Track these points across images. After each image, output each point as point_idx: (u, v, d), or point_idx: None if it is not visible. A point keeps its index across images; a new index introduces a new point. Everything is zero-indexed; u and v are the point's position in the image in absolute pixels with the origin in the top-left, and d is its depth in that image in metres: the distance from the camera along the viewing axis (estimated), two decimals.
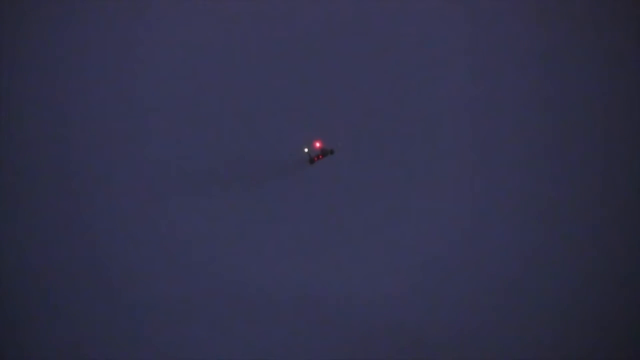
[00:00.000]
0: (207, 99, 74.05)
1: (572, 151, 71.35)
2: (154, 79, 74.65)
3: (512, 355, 64.26)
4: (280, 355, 63.84)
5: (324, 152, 66.18)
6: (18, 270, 67.51)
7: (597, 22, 75.03)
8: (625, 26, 74.51)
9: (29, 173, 70.87)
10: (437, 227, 68.02)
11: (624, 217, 68.81)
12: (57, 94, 74.07)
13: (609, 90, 73.52)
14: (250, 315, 65.45)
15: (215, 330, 64.78)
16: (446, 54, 74.44)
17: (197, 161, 71.66)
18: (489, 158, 70.98)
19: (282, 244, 67.96)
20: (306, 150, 66.06)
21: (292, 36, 75.05)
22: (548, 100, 73.12)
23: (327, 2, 76.19)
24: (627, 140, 71.56)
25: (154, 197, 70.20)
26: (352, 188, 69.13)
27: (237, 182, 69.75)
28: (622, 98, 73.03)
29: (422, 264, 66.82)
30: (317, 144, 65.69)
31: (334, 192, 68.91)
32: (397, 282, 65.94)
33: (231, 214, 69.10)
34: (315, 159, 66.19)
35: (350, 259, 67.19)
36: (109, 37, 75.69)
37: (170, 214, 69.46)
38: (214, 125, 72.99)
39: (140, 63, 75.16)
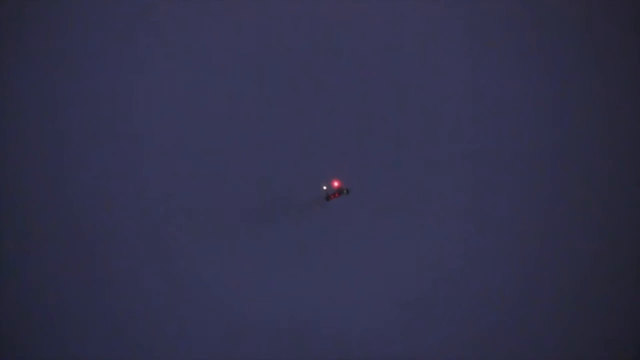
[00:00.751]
0: (224, 133, 73.97)
1: (577, 176, 71.79)
2: (170, 117, 74.23)
3: None
4: None
5: (339, 191, 69.04)
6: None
7: (598, 22, 75.45)
8: (628, 26, 75.04)
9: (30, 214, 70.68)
10: (445, 264, 69.32)
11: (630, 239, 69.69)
12: (62, 114, 73.85)
13: (612, 95, 74.15)
14: (255, 345, 66.99)
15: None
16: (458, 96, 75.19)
17: (211, 194, 71.95)
18: (493, 196, 71.76)
19: (287, 275, 69.42)
20: (325, 188, 68.97)
21: (313, 71, 75.54)
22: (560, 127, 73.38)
23: (349, 36, 76.46)
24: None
25: (167, 234, 70.51)
26: (363, 224, 70.66)
27: (252, 216, 71.01)
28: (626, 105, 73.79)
29: (429, 299, 68.37)
30: (335, 183, 68.76)
31: (344, 228, 70.57)
32: (403, 317, 67.71)
33: (244, 248, 70.06)
34: (332, 197, 68.99)
35: (360, 293, 68.85)
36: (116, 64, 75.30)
37: (182, 250, 69.99)
38: (229, 158, 73.31)
39: (154, 98, 74.73)
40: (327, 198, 68.95)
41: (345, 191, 68.84)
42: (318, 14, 76.49)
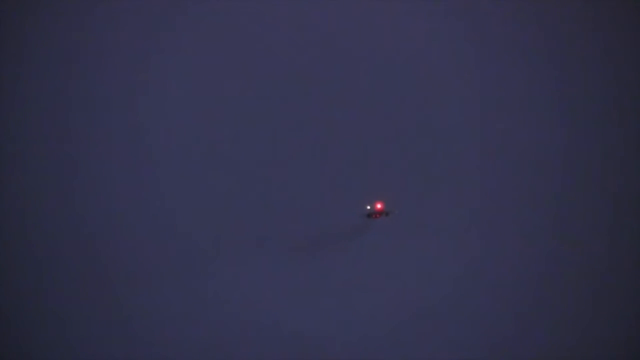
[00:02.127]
0: (269, 154, 75.47)
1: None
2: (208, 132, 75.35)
3: None
4: None
5: (380, 213, 72.13)
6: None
7: (601, 22, 75.15)
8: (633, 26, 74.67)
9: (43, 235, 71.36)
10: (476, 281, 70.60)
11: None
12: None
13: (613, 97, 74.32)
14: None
15: None
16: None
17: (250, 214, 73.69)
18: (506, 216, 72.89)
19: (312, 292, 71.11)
20: (368, 207, 72.24)
21: (356, 93, 76.68)
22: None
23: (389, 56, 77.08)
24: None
25: (209, 254, 72.11)
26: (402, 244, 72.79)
27: (299, 235, 73.22)
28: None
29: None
30: (379, 205, 72.24)
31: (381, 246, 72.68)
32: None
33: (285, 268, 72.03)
34: (374, 216, 72.35)
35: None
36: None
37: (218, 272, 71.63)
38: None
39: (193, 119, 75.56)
40: (369, 216, 72.22)
41: (385, 213, 71.93)
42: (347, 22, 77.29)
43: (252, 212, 73.30)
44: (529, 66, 75.56)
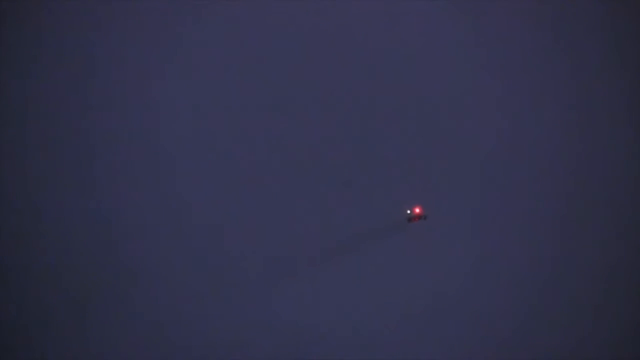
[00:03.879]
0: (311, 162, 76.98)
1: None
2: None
3: None
4: None
5: (419, 217, 73.13)
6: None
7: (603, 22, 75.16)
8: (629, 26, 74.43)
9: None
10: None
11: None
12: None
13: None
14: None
15: None
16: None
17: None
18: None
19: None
20: (408, 211, 73.35)
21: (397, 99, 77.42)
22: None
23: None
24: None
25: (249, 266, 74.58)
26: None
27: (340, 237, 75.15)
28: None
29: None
30: (417, 210, 73.09)
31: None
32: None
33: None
34: (413, 219, 73.55)
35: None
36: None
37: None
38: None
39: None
40: (409, 219, 73.71)
41: (423, 217, 73.45)
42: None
43: (292, 215, 75.22)
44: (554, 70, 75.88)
